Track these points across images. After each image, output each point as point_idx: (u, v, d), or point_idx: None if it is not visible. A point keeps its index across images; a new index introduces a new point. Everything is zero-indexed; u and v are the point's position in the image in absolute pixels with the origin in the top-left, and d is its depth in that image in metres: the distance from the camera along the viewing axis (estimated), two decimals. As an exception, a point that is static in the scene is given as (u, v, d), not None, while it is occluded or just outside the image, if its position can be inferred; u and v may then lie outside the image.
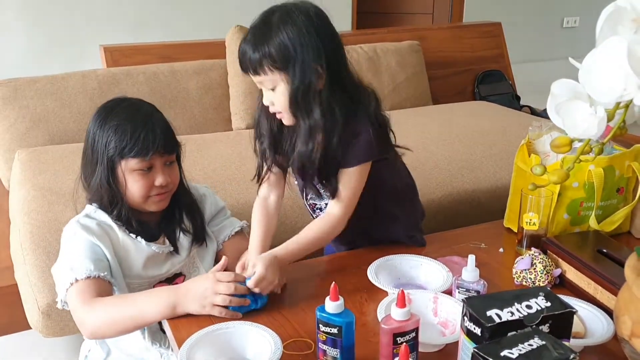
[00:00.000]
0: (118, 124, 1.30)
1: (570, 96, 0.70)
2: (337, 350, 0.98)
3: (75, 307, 1.24)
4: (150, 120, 1.31)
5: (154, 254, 1.37)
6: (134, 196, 1.33)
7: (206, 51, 2.85)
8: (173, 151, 1.36)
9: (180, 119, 2.54)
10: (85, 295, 1.23)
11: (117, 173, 1.31)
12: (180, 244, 1.41)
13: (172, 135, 1.36)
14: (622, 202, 1.48)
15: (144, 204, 1.35)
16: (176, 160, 1.40)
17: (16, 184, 1.98)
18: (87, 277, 1.24)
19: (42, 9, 3.94)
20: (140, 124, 1.29)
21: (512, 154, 1.55)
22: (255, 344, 1.06)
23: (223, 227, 1.50)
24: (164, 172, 1.33)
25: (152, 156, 1.30)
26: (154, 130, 1.30)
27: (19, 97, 2.32)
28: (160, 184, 1.32)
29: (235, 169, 2.07)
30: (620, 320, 0.93)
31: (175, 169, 1.38)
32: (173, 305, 1.17)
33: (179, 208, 1.42)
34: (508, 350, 0.77)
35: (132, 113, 1.32)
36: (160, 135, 1.30)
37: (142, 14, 4.17)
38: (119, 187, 1.32)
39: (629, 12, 0.70)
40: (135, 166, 1.30)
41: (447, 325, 1.12)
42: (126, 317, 1.21)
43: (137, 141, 1.28)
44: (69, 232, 1.33)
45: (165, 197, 1.36)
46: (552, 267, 1.27)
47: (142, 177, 1.31)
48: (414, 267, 1.32)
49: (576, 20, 6.09)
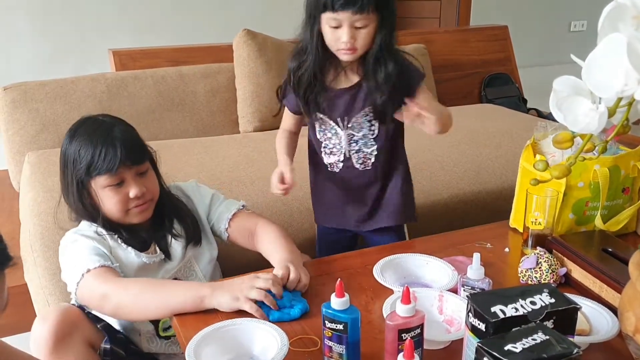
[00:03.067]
0: (81, 145, 1.30)
1: (572, 92, 0.71)
2: (343, 346, 0.99)
3: (94, 287, 1.25)
4: (110, 135, 1.30)
5: (144, 265, 1.37)
6: (111, 212, 1.33)
7: (214, 55, 2.87)
8: (141, 161, 1.34)
9: (188, 122, 2.56)
10: (106, 276, 1.25)
11: (90, 192, 1.32)
12: (172, 250, 1.41)
13: (138, 145, 1.35)
14: (628, 202, 1.48)
15: (125, 218, 1.35)
16: (152, 167, 1.39)
17: (26, 185, 2.00)
18: (100, 265, 1.26)
19: (53, 15, 3.99)
20: (100, 141, 1.29)
21: (518, 155, 1.56)
22: (262, 341, 1.07)
23: (220, 214, 1.49)
24: (137, 183, 1.32)
25: (118, 170, 1.29)
26: (114, 144, 1.29)
27: (28, 100, 2.34)
28: (135, 195, 1.32)
29: (242, 171, 2.09)
30: (625, 317, 0.94)
31: (150, 178, 1.37)
32: (201, 297, 1.17)
33: (167, 214, 1.42)
34: (512, 344, 0.78)
35: (93, 131, 1.32)
36: (122, 148, 1.29)
37: (151, 19, 4.21)
38: (94, 204, 1.33)
39: (630, 9, 0.71)
40: (105, 183, 1.30)
41: (453, 323, 1.12)
42: (151, 298, 1.22)
43: (99, 158, 1.28)
44: (68, 240, 1.35)
45: (146, 207, 1.36)
46: (557, 266, 1.27)
47: (115, 192, 1.31)
48: (419, 266, 1.33)
49: (584, 24, 6.08)
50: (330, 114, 1.49)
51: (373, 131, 1.50)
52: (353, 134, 1.50)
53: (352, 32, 1.35)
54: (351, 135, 1.50)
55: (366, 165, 1.53)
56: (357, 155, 1.52)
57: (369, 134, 1.50)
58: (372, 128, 1.50)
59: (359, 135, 1.50)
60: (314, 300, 1.21)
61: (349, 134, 1.50)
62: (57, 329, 1.21)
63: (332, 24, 1.35)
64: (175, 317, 1.18)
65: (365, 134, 1.50)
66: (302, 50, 1.44)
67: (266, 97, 2.58)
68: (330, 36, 1.38)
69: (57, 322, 1.22)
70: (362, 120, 1.48)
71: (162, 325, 1.41)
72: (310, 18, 1.39)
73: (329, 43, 1.40)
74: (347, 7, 1.32)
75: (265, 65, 2.59)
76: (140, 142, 1.37)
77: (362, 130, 1.50)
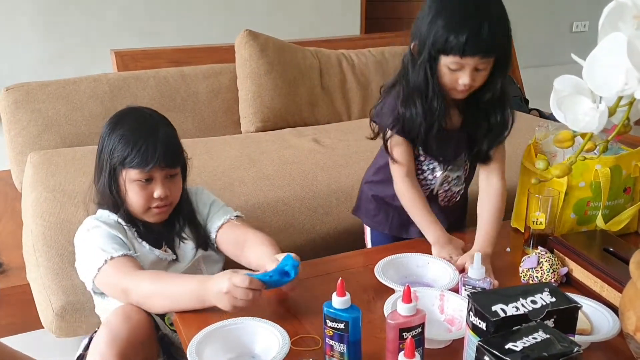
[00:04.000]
0: (123, 134, 1.34)
1: (573, 91, 0.71)
2: (344, 345, 0.99)
3: (117, 279, 1.26)
4: (154, 134, 1.34)
5: (157, 260, 1.39)
6: (133, 206, 1.37)
7: (216, 55, 2.87)
8: (174, 166, 1.38)
9: (189, 122, 2.56)
10: (127, 268, 1.25)
11: (119, 181, 1.35)
12: (182, 251, 1.43)
13: (176, 150, 1.38)
14: (629, 202, 1.48)
15: (143, 215, 1.38)
16: (181, 172, 1.42)
17: (28, 186, 2.01)
18: (123, 254, 1.27)
19: (55, 16, 3.99)
20: (143, 136, 1.33)
21: (520, 155, 1.56)
22: (263, 340, 1.07)
23: (213, 222, 1.47)
24: (163, 185, 1.35)
25: (151, 169, 1.32)
26: (155, 144, 1.32)
27: (31, 100, 2.34)
28: (159, 196, 1.35)
29: (243, 171, 2.09)
30: (625, 316, 0.94)
31: (176, 183, 1.40)
32: (202, 300, 1.17)
33: (181, 217, 1.44)
34: (512, 343, 0.78)
35: (139, 124, 1.36)
36: (161, 150, 1.32)
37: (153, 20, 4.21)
38: (120, 194, 1.36)
39: (631, 8, 0.71)
40: (135, 177, 1.33)
41: (454, 323, 1.13)
42: (164, 296, 1.22)
43: (138, 153, 1.31)
44: (89, 225, 1.36)
45: (165, 210, 1.39)
46: (558, 265, 1.28)
47: (142, 188, 1.34)
48: (420, 265, 1.33)
49: (585, 24, 6.08)
50: (437, 156, 1.45)
51: (465, 171, 1.50)
52: (449, 175, 1.48)
53: (472, 75, 1.28)
54: (447, 176, 1.48)
55: (450, 203, 1.53)
56: (445, 194, 1.51)
57: (462, 175, 1.50)
58: (465, 168, 1.50)
59: (453, 177, 1.49)
60: (315, 300, 1.21)
61: (446, 175, 1.48)
62: (137, 332, 1.21)
63: (453, 67, 1.27)
64: (176, 316, 1.19)
65: (459, 175, 1.49)
66: (414, 94, 1.34)
67: (268, 98, 2.59)
68: (448, 77, 1.29)
69: (138, 326, 1.21)
70: (461, 162, 1.48)
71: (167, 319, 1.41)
72: (429, 60, 1.29)
73: (443, 83, 1.32)
74: (477, 53, 1.24)
75: (267, 65, 2.59)
76: (179, 146, 1.40)
77: (459, 171, 1.49)
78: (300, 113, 2.71)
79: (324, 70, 2.80)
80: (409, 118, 1.35)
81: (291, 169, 2.11)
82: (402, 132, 1.38)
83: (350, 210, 1.70)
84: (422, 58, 1.29)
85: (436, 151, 1.43)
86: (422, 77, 1.31)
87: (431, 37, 1.26)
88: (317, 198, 1.98)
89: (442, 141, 1.41)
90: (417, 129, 1.36)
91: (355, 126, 2.59)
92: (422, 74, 1.31)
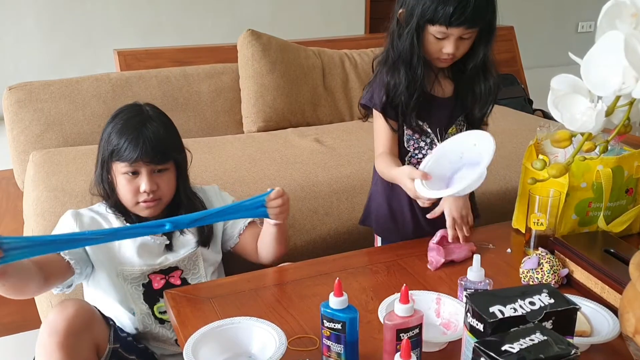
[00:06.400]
0: (114, 128, 1.38)
1: (570, 90, 0.70)
2: (341, 346, 0.99)
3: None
4: (142, 128, 1.37)
5: (147, 243, 1.41)
6: (123, 198, 1.41)
7: (218, 55, 2.87)
8: (161, 161, 1.39)
9: (192, 122, 2.56)
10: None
11: (110, 173, 1.41)
12: (178, 242, 1.45)
13: (163, 146, 1.39)
14: (631, 203, 1.47)
15: (133, 209, 1.42)
16: (177, 169, 1.43)
17: (30, 185, 2.01)
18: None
19: (59, 16, 4.01)
20: (130, 130, 1.36)
21: (521, 155, 1.55)
22: (260, 340, 1.06)
23: (235, 222, 1.53)
24: (150, 180, 1.38)
25: (135, 162, 1.35)
26: (140, 138, 1.35)
27: (33, 100, 2.35)
28: (144, 190, 1.37)
29: (245, 171, 2.09)
30: (625, 318, 0.93)
31: (166, 178, 1.41)
32: None
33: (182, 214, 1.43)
34: (509, 344, 0.78)
35: (130, 118, 1.40)
36: (146, 145, 1.35)
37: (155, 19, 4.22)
38: (112, 186, 1.41)
39: (629, 7, 0.70)
40: (122, 170, 1.38)
41: (450, 327, 1.12)
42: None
43: (124, 146, 1.35)
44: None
45: (154, 204, 1.40)
46: (559, 266, 1.27)
47: (128, 181, 1.38)
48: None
49: (591, 25, 6.06)
50: (431, 124, 1.47)
51: None
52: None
53: (457, 44, 1.34)
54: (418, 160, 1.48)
55: None
56: None
57: None
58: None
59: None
60: (314, 300, 1.21)
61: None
62: (74, 321, 1.23)
63: (438, 36, 1.33)
64: (174, 316, 1.18)
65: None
66: (398, 61, 1.39)
67: (270, 97, 2.59)
68: (433, 46, 1.36)
69: (75, 316, 1.24)
70: (455, 131, 1.48)
71: (157, 309, 1.43)
72: (417, 29, 1.34)
73: (427, 51, 1.37)
74: (462, 24, 1.30)
75: (270, 65, 2.59)
76: (170, 142, 1.42)
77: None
78: (303, 113, 2.70)
79: (327, 70, 2.80)
80: (393, 85, 1.40)
81: (293, 169, 2.11)
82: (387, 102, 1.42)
83: (350, 210, 1.69)
84: (410, 27, 1.35)
85: (427, 118, 1.46)
86: (408, 45, 1.36)
87: (419, 6, 1.32)
88: (318, 198, 1.98)
89: (433, 109, 1.45)
90: (410, 95, 1.40)
91: (358, 126, 2.58)
92: (409, 42, 1.36)
